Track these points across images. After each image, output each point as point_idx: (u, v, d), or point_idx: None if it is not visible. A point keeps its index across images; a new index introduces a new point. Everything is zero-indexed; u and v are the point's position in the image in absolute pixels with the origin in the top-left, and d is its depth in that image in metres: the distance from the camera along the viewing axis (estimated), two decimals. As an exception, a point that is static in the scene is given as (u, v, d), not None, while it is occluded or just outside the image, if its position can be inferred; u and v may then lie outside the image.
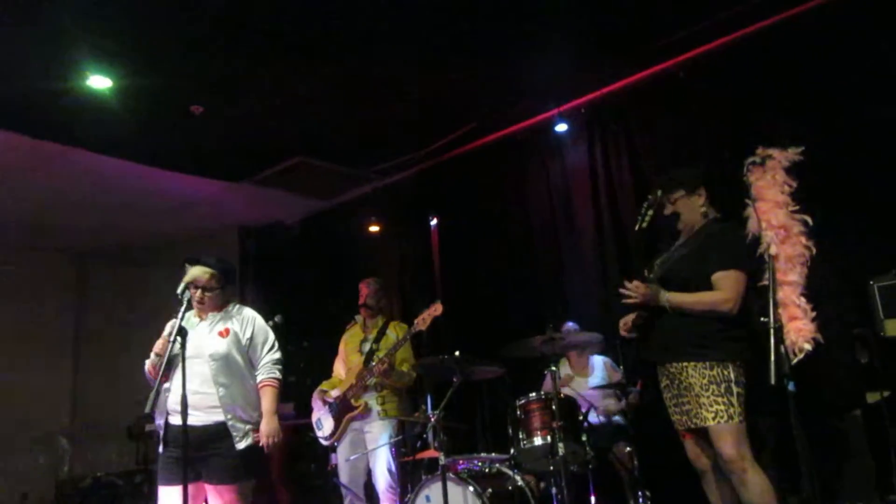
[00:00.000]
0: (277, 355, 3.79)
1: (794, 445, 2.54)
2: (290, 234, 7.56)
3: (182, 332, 3.29)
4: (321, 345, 5.19)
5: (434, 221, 6.34)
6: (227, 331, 3.69)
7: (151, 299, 3.71)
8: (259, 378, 3.71)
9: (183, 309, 3.38)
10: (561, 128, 5.54)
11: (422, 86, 5.14)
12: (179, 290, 3.48)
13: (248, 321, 3.78)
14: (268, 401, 3.65)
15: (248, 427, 3.57)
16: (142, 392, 3.42)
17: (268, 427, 3.59)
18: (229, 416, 3.53)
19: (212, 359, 3.57)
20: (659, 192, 3.35)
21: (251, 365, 3.72)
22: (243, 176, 6.34)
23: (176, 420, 3.48)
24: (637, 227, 3.29)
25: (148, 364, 3.64)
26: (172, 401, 3.51)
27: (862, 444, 3.66)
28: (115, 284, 7.82)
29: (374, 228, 6.75)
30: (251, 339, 3.73)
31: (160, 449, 3.59)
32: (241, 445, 3.52)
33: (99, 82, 4.56)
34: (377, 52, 4.67)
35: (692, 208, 3.38)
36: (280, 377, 3.73)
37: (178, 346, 3.34)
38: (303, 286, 7.23)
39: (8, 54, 4.23)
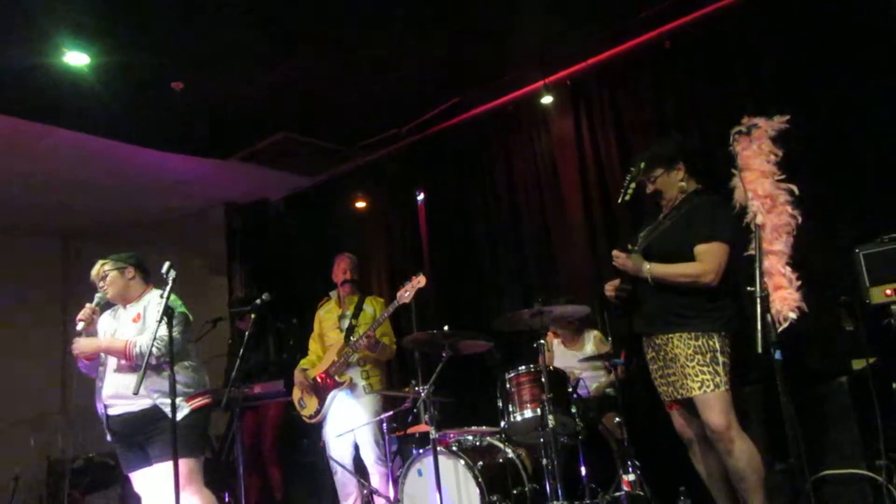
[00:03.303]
0: (161, 333, 3.55)
1: (781, 413, 2.56)
2: (277, 211, 7.52)
3: (168, 311, 3.29)
4: (310, 321, 5.18)
5: (421, 196, 6.31)
6: (138, 316, 3.75)
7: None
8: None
9: (168, 288, 3.37)
10: (546, 100, 5.50)
11: (406, 60, 5.08)
12: (164, 269, 3.45)
13: (154, 301, 3.76)
14: (107, 340, 3.66)
15: (178, 399, 3.53)
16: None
17: (81, 341, 3.62)
18: (156, 396, 3.57)
19: None
20: (642, 165, 3.35)
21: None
22: (227, 153, 6.27)
23: (113, 410, 3.65)
24: (620, 200, 3.30)
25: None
26: (107, 392, 3.66)
27: (848, 411, 3.69)
28: (101, 265, 7.76)
29: (360, 204, 6.73)
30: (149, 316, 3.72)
31: (108, 437, 3.73)
32: (178, 417, 3.47)
33: (76, 59, 4.46)
34: (360, 27, 4.60)
35: (672, 184, 3.38)
36: (139, 349, 3.51)
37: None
38: (290, 262, 7.21)
39: (-19, 32, 4.14)
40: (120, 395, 3.60)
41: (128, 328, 3.73)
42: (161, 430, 3.51)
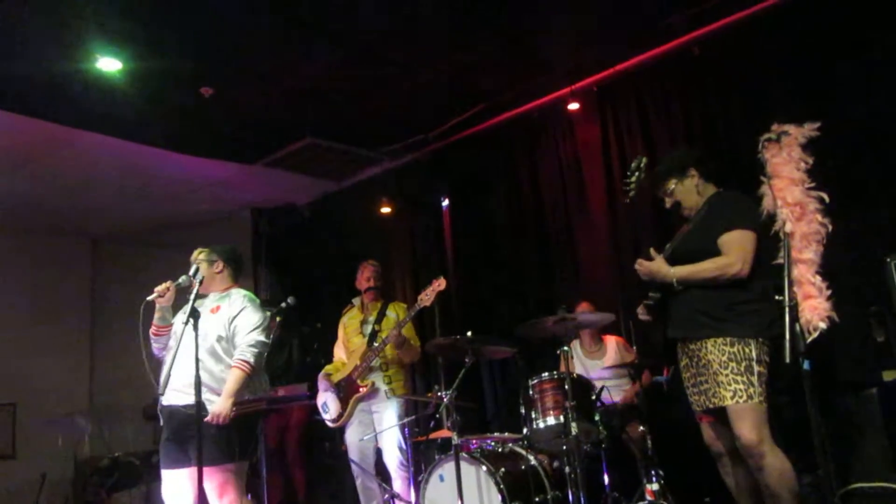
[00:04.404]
0: (257, 338, 3.68)
1: (809, 424, 2.52)
2: (303, 216, 7.56)
3: (195, 314, 3.31)
4: (334, 326, 5.20)
5: (445, 202, 6.32)
6: (217, 308, 3.75)
7: (165, 280, 3.74)
8: (233, 359, 3.66)
9: (195, 291, 3.41)
10: (573, 106, 5.49)
11: (432, 66, 5.10)
12: (192, 272, 3.50)
13: (237, 301, 3.76)
14: (229, 382, 3.57)
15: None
16: (156, 373, 3.49)
17: (217, 407, 3.50)
18: (204, 390, 3.47)
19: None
20: (644, 159, 3.34)
21: (233, 345, 3.68)
22: (255, 158, 6.33)
23: (166, 400, 3.62)
24: (627, 199, 3.32)
25: (152, 328, 3.73)
26: (162, 380, 3.59)
27: (878, 423, 3.62)
28: (128, 266, 7.85)
29: (385, 210, 6.74)
30: (234, 318, 3.70)
31: (161, 422, 3.70)
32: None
33: (108, 65, 4.55)
34: (387, 32, 4.63)
35: (688, 191, 3.34)
36: (251, 360, 3.61)
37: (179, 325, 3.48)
38: (315, 267, 7.25)
39: (16, 36, 4.22)
40: (171, 386, 3.56)
41: (204, 317, 3.64)
42: (202, 433, 3.43)
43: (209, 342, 3.63)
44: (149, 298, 3.65)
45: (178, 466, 3.57)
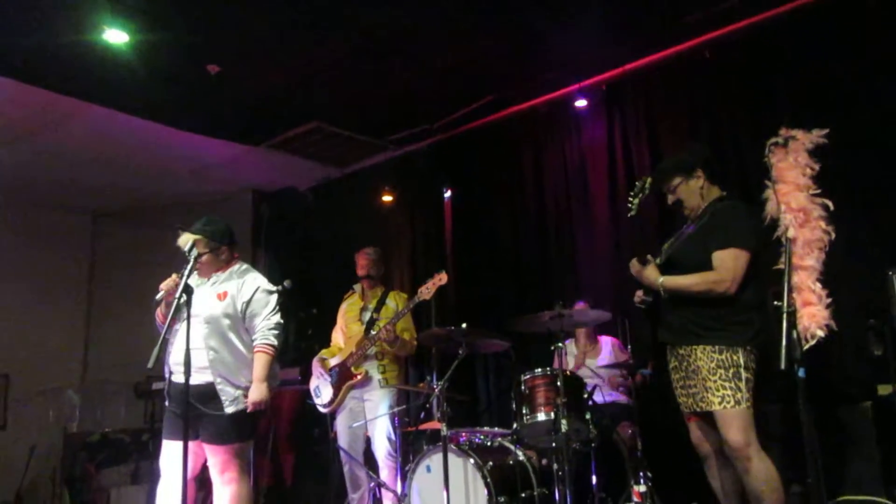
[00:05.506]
0: (275, 320, 3.68)
1: (800, 433, 2.50)
2: (304, 201, 7.53)
3: (187, 289, 3.28)
4: (331, 311, 5.18)
5: (448, 193, 6.30)
6: (225, 294, 3.67)
7: (164, 260, 3.69)
8: (254, 343, 3.64)
9: (189, 267, 3.37)
10: (580, 104, 5.46)
11: (442, 56, 5.07)
12: (187, 248, 3.46)
13: (248, 284, 3.71)
14: (258, 367, 3.58)
15: (238, 392, 3.55)
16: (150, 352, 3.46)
17: (254, 394, 3.53)
18: (218, 380, 3.53)
19: (205, 321, 3.57)
20: (648, 180, 3.32)
21: (246, 330, 3.66)
22: (259, 139, 6.30)
23: (177, 378, 3.59)
24: (629, 215, 3.32)
25: (158, 312, 3.66)
26: (174, 359, 3.60)
27: (870, 436, 3.60)
28: (128, 244, 7.84)
29: (387, 198, 6.71)
30: (248, 302, 3.66)
31: (166, 403, 3.66)
32: (230, 409, 3.52)
33: (115, 37, 4.50)
34: (399, 21, 4.59)
35: (692, 192, 3.31)
36: (274, 343, 3.62)
37: (182, 302, 3.35)
38: (314, 252, 7.23)
39: (24, 5, 4.18)
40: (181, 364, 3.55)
41: (211, 302, 3.64)
42: (212, 415, 3.47)
43: (220, 329, 3.59)
44: (157, 297, 3.61)
45: (180, 438, 3.49)
